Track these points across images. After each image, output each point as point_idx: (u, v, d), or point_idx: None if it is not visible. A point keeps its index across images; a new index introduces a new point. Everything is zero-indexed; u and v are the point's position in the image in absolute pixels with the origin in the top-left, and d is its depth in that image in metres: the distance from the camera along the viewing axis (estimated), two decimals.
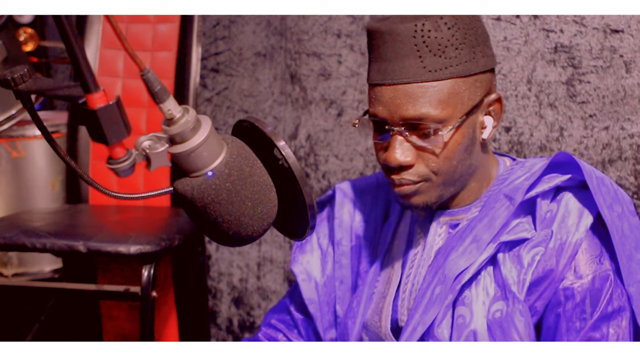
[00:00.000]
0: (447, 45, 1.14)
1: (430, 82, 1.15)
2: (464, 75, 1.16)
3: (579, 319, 1.16)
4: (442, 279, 1.20)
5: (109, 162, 0.84)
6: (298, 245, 1.44)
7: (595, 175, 1.20)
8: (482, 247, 1.19)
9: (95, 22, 2.18)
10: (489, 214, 1.21)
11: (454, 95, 1.16)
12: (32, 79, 0.82)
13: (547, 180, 1.22)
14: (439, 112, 1.15)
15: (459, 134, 1.17)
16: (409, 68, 1.15)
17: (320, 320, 1.39)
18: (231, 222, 0.87)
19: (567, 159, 1.23)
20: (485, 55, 1.19)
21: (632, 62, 1.65)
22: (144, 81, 0.82)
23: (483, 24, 1.21)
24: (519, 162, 1.30)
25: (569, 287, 1.17)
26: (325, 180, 2.18)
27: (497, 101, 1.23)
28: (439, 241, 1.27)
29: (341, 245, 1.40)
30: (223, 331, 2.48)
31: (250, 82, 2.28)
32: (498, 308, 1.17)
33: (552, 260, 1.17)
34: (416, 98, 1.15)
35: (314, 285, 1.41)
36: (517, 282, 1.17)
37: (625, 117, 1.68)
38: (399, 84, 1.15)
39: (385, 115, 1.17)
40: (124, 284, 1.96)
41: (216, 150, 0.86)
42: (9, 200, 2.22)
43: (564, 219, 1.19)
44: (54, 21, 0.78)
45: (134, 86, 2.14)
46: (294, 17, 2.16)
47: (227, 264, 2.42)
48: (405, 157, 1.17)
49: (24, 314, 2.21)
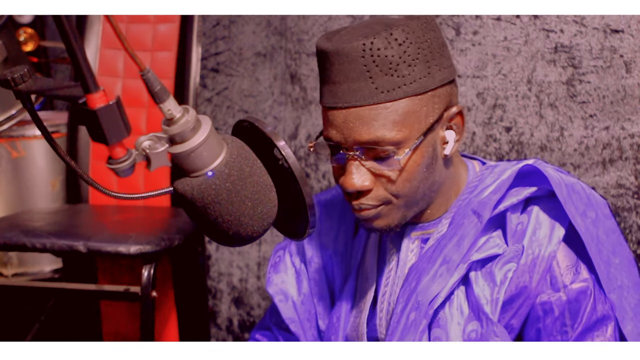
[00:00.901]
0: (399, 62, 1.08)
1: (383, 103, 1.09)
2: (420, 93, 1.10)
3: (559, 332, 1.14)
4: (415, 304, 1.17)
5: (109, 162, 0.84)
6: (272, 265, 1.40)
7: (565, 183, 1.16)
8: (453, 268, 1.16)
9: (95, 22, 2.18)
10: (457, 232, 1.18)
11: (410, 115, 1.10)
12: (32, 79, 0.82)
13: (515, 193, 1.18)
14: (395, 134, 1.09)
15: (417, 155, 1.12)
16: (359, 90, 1.09)
17: (303, 337, 1.37)
18: (231, 222, 0.87)
19: (533, 169, 1.19)
20: (442, 67, 1.13)
21: (632, 62, 1.65)
22: (144, 81, 0.82)
23: (439, 33, 1.14)
24: (489, 167, 1.25)
25: (546, 302, 1.14)
26: (325, 180, 2.18)
27: (459, 114, 1.16)
28: (412, 257, 1.24)
29: (313, 262, 1.36)
30: (223, 331, 2.48)
31: (250, 82, 2.28)
32: (473, 328, 1.14)
33: (525, 277, 1.14)
34: (369, 121, 1.09)
35: (292, 304, 1.37)
36: (490, 301, 1.14)
37: (626, 117, 1.68)
38: (350, 107, 1.10)
39: (339, 139, 1.12)
40: (124, 284, 1.96)
41: (216, 150, 0.86)
42: (9, 200, 2.22)
43: (535, 232, 1.15)
44: (54, 21, 0.78)
45: (134, 86, 2.14)
46: (294, 17, 2.16)
47: (227, 264, 2.42)
48: (362, 181, 1.12)
49: (24, 314, 2.21)
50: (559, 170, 1.21)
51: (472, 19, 1.84)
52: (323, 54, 1.12)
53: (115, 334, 2.22)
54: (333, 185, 2.16)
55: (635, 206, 1.70)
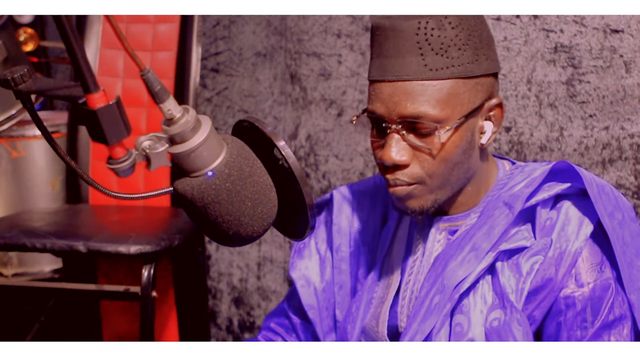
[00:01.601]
0: (450, 45, 1.13)
1: (430, 80, 1.13)
2: (465, 77, 1.14)
3: (579, 328, 1.15)
4: (440, 288, 1.19)
5: (109, 162, 0.84)
6: (296, 250, 1.42)
7: (596, 183, 1.19)
8: (481, 256, 1.18)
9: (95, 22, 2.18)
10: (487, 222, 1.20)
11: (454, 96, 1.14)
12: (32, 79, 0.82)
13: (547, 189, 1.20)
14: (438, 111, 1.13)
15: (456, 136, 1.16)
16: (409, 65, 1.13)
17: (319, 325, 1.38)
18: (231, 222, 0.87)
19: (566, 167, 1.22)
20: (489, 58, 1.17)
21: (632, 62, 1.65)
22: (144, 81, 0.82)
23: (488, 28, 1.19)
24: (519, 167, 1.28)
25: (569, 296, 1.16)
26: (325, 180, 2.18)
27: (498, 106, 1.21)
28: (438, 247, 1.26)
29: (340, 251, 1.38)
30: (223, 331, 2.48)
31: (250, 82, 2.28)
32: (496, 317, 1.16)
33: (551, 269, 1.16)
34: (415, 96, 1.13)
35: (313, 290, 1.39)
36: (516, 290, 1.16)
37: (625, 117, 1.68)
38: (398, 80, 1.14)
39: (383, 112, 1.16)
40: (124, 284, 1.96)
41: (216, 150, 0.86)
42: (9, 200, 2.22)
43: (564, 227, 1.18)
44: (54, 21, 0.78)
45: (134, 86, 2.14)
46: (294, 17, 2.16)
47: (227, 264, 2.42)
48: (400, 156, 1.16)
49: (24, 314, 2.20)
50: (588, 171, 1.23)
51: None
52: (378, 29, 1.16)
53: (115, 334, 2.22)
54: (333, 185, 2.16)
55: (635, 206, 1.70)
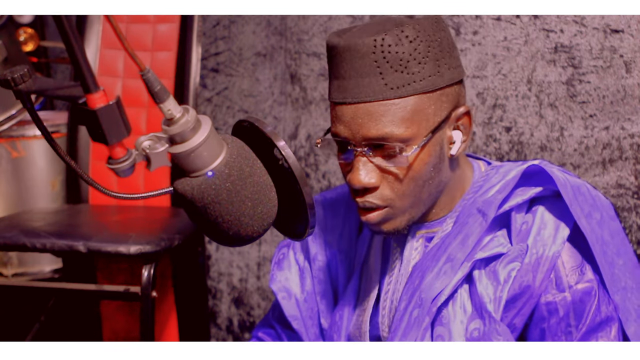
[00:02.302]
0: (410, 59, 1.09)
1: (392, 99, 1.09)
2: (429, 91, 1.11)
3: (564, 333, 1.14)
4: (419, 302, 1.17)
5: (109, 162, 0.84)
6: (275, 262, 1.40)
7: (570, 184, 1.16)
8: (457, 266, 1.16)
9: (95, 22, 2.18)
10: (462, 231, 1.18)
11: (419, 113, 1.11)
12: (32, 79, 0.82)
13: (520, 193, 1.18)
14: (403, 130, 1.10)
15: (425, 153, 1.12)
16: (369, 86, 1.09)
17: (305, 334, 1.37)
18: (231, 222, 0.87)
19: (539, 170, 1.19)
20: (451, 67, 1.13)
21: (632, 62, 1.65)
22: (144, 81, 0.82)
23: (449, 33, 1.15)
24: (494, 167, 1.25)
25: (551, 302, 1.14)
26: (325, 180, 2.18)
27: (466, 114, 1.17)
28: (416, 255, 1.24)
29: (317, 260, 1.36)
30: (223, 331, 2.48)
31: (250, 82, 2.28)
32: (475, 327, 1.14)
33: (529, 276, 1.14)
34: (378, 117, 1.10)
35: (295, 301, 1.37)
36: (494, 299, 1.14)
37: (626, 117, 1.68)
38: (359, 102, 1.10)
39: (347, 135, 1.12)
40: (124, 284, 1.96)
41: (216, 150, 0.86)
42: (9, 200, 2.22)
43: (540, 232, 1.15)
44: (54, 21, 0.78)
45: (134, 86, 2.14)
46: (294, 17, 2.16)
47: (227, 264, 2.42)
48: (369, 178, 1.13)
49: (24, 314, 2.21)
50: (564, 171, 1.21)
51: (472, 19, 1.84)
52: (334, 50, 1.13)
53: (115, 334, 2.22)
54: (333, 185, 2.16)
55: (635, 206, 1.70)
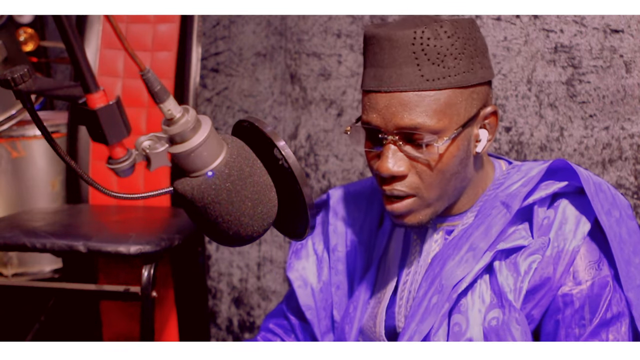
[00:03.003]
0: (446, 54, 1.12)
1: (427, 91, 1.12)
2: (462, 86, 1.14)
3: (577, 326, 1.15)
4: (439, 288, 1.19)
5: (109, 162, 0.84)
6: (293, 251, 1.42)
7: (593, 181, 1.19)
8: (479, 255, 1.18)
9: (95, 22, 2.18)
10: (485, 222, 1.20)
11: (451, 106, 1.13)
12: (32, 79, 0.82)
13: (544, 187, 1.20)
14: (435, 122, 1.12)
15: (454, 146, 1.15)
16: (406, 76, 1.12)
17: (317, 325, 1.38)
18: (231, 222, 0.87)
19: (563, 165, 1.22)
20: (484, 66, 1.17)
21: (632, 62, 1.65)
22: (144, 81, 0.82)
23: (482, 35, 1.19)
24: (515, 166, 1.28)
25: (567, 294, 1.16)
26: (325, 180, 2.18)
27: (493, 114, 1.20)
28: (436, 247, 1.26)
29: (336, 251, 1.38)
30: (223, 331, 2.48)
31: (250, 82, 2.28)
32: (494, 316, 1.16)
33: (549, 268, 1.16)
34: (412, 107, 1.12)
35: (310, 291, 1.39)
36: (514, 290, 1.16)
37: (626, 117, 1.68)
38: (395, 91, 1.12)
39: (379, 123, 1.14)
40: (124, 284, 1.96)
41: (216, 150, 0.86)
42: (9, 200, 2.22)
43: (561, 226, 1.18)
44: (54, 21, 0.78)
45: (134, 86, 2.14)
46: (294, 17, 2.16)
47: (227, 264, 2.42)
48: (398, 167, 1.15)
49: (24, 314, 2.21)
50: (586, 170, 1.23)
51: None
52: (373, 39, 1.15)
53: (115, 334, 2.22)
54: (333, 185, 2.16)
55: (635, 206, 1.70)
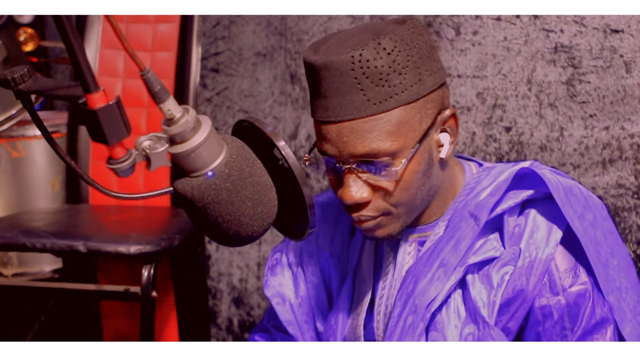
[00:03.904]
0: (390, 72, 1.06)
1: (376, 114, 1.07)
2: (412, 101, 1.09)
3: (559, 336, 1.13)
4: (412, 308, 1.17)
5: (109, 162, 0.84)
6: (269, 267, 1.40)
7: (562, 186, 1.16)
8: (450, 271, 1.15)
9: (95, 22, 2.18)
10: (455, 235, 1.17)
11: (404, 124, 1.09)
12: (32, 79, 0.82)
13: (513, 196, 1.17)
14: (390, 144, 1.08)
15: (414, 163, 1.11)
16: (351, 103, 1.07)
17: (301, 339, 1.37)
18: (231, 222, 0.87)
19: (530, 172, 1.18)
20: (432, 72, 1.11)
21: (632, 62, 1.65)
22: (144, 81, 0.82)
23: (427, 36, 1.12)
24: (486, 169, 1.24)
25: (546, 305, 1.13)
26: (325, 180, 2.18)
27: (452, 117, 1.16)
28: (409, 260, 1.24)
29: (310, 265, 1.36)
30: (223, 331, 2.48)
31: (250, 82, 2.28)
32: (470, 331, 1.14)
33: (522, 280, 1.13)
34: (363, 134, 1.08)
35: (289, 307, 1.36)
36: (487, 304, 1.13)
37: (626, 117, 1.68)
38: (343, 121, 1.08)
39: (334, 153, 1.11)
40: (124, 284, 1.96)
41: (216, 150, 0.86)
42: (9, 200, 2.22)
43: (532, 235, 1.15)
44: (54, 21, 0.78)
45: (134, 86, 2.14)
46: (294, 17, 2.16)
47: (227, 264, 2.42)
48: (360, 194, 1.12)
49: (24, 314, 2.21)
50: (556, 172, 1.21)
51: (472, 19, 1.84)
52: (312, 68, 1.10)
53: (115, 334, 2.22)
54: None
55: (635, 206, 1.70)
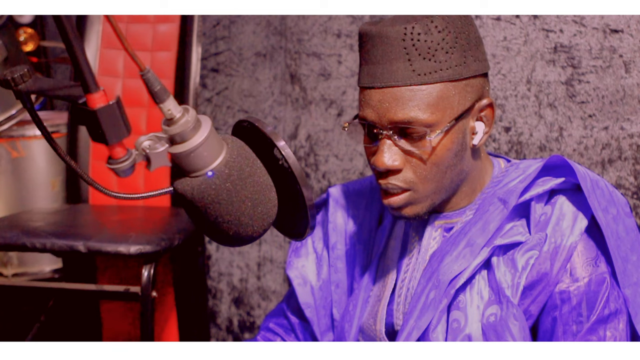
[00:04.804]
0: (437, 48, 1.13)
1: (419, 85, 1.14)
2: (454, 80, 1.15)
3: (575, 322, 1.15)
4: (436, 283, 1.19)
5: (109, 162, 0.84)
6: (293, 249, 1.43)
7: (590, 178, 1.19)
8: (476, 251, 1.18)
9: (95, 22, 2.18)
10: (482, 218, 1.20)
11: (443, 100, 1.14)
12: (32, 79, 0.83)
13: (541, 184, 1.21)
14: (428, 116, 1.14)
15: (447, 139, 1.16)
16: (397, 71, 1.14)
17: (317, 324, 1.39)
18: (231, 222, 0.87)
19: (561, 162, 1.22)
20: (477, 59, 1.18)
21: (632, 62, 1.65)
22: (144, 81, 0.82)
23: (476, 28, 1.19)
24: (514, 164, 1.29)
25: (565, 291, 1.16)
26: (325, 180, 2.18)
27: (489, 106, 1.21)
28: (434, 245, 1.27)
29: (336, 249, 1.39)
30: (223, 331, 2.48)
31: (250, 82, 2.28)
32: (492, 312, 1.17)
33: (547, 264, 1.16)
34: (404, 101, 1.14)
35: (310, 289, 1.40)
36: (511, 286, 1.16)
37: (625, 117, 1.68)
38: (387, 87, 1.15)
39: (374, 118, 1.16)
40: (124, 284, 1.96)
41: (216, 150, 0.86)
42: (9, 200, 2.22)
43: (559, 222, 1.18)
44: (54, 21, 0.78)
45: (134, 86, 2.14)
46: (294, 17, 2.16)
47: (227, 264, 2.42)
48: (393, 161, 1.16)
49: (24, 314, 2.21)
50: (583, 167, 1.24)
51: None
52: (365, 36, 1.17)
53: (115, 334, 2.22)
54: (333, 185, 2.16)
55: (635, 206, 1.70)
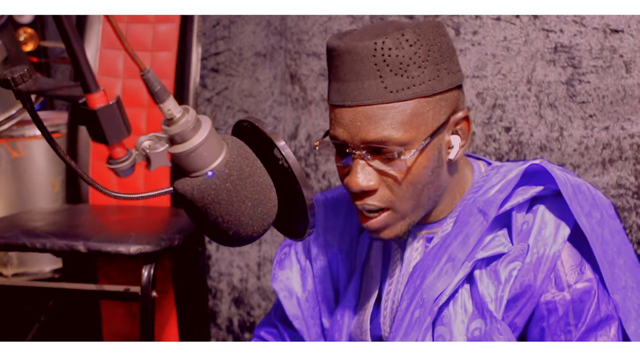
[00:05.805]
0: (410, 63, 1.08)
1: (391, 103, 1.09)
2: (428, 95, 1.10)
3: (563, 332, 1.14)
4: (420, 302, 1.17)
5: (109, 162, 0.84)
6: (277, 261, 1.40)
7: (571, 183, 1.16)
8: (458, 266, 1.16)
9: (95, 22, 2.18)
10: (463, 230, 1.18)
11: (417, 117, 1.10)
12: (32, 79, 0.82)
13: (522, 192, 1.18)
14: (402, 134, 1.10)
15: (423, 157, 1.12)
16: (369, 89, 1.09)
17: (307, 334, 1.37)
18: (231, 222, 0.87)
19: (540, 169, 1.19)
20: (451, 72, 1.13)
21: (632, 62, 1.65)
22: (144, 81, 0.82)
23: (449, 38, 1.15)
24: (494, 167, 1.25)
25: (550, 301, 1.14)
26: (325, 180, 2.18)
27: (465, 119, 1.17)
28: (416, 256, 1.24)
29: (318, 260, 1.36)
30: (223, 331, 2.48)
31: (250, 82, 2.28)
32: (477, 326, 1.15)
33: (530, 275, 1.14)
34: (377, 120, 1.10)
35: (296, 301, 1.37)
36: (495, 299, 1.14)
37: (625, 117, 1.68)
38: (358, 105, 1.10)
39: (346, 138, 1.12)
40: (124, 284, 1.96)
41: (216, 150, 0.86)
42: (9, 200, 2.22)
43: (540, 231, 1.15)
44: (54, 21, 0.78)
45: (134, 86, 2.14)
46: (294, 17, 2.16)
47: (227, 264, 2.42)
48: (368, 181, 1.12)
49: (24, 314, 2.21)
50: (565, 170, 1.21)
51: (472, 19, 1.84)
52: (334, 52, 1.12)
53: (115, 334, 2.22)
54: (333, 185, 2.16)
55: (635, 206, 1.70)
